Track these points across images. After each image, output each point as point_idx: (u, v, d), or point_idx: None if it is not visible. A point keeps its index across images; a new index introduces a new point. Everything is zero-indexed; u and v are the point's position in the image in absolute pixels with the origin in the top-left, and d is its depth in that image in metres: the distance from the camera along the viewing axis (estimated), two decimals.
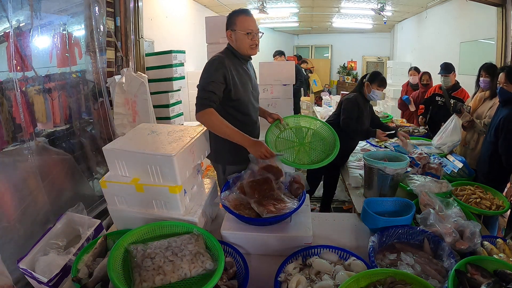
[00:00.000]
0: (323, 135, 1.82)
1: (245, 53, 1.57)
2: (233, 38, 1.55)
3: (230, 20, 1.54)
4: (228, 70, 1.50)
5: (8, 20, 1.71)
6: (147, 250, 1.01)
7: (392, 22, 7.41)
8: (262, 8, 5.51)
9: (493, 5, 3.23)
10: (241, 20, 1.51)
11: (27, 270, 1.12)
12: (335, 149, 1.67)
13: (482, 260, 1.07)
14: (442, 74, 2.98)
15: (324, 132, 1.82)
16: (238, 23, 1.51)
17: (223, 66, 1.49)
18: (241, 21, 1.51)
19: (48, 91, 2.04)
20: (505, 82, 1.83)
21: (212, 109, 1.42)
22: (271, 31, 8.74)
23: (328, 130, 1.81)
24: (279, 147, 1.72)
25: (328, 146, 1.76)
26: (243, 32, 1.51)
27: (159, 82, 3.05)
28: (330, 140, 1.77)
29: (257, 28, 1.55)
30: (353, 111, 2.16)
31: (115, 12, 2.71)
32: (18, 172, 1.74)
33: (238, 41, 1.54)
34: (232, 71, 1.53)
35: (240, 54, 1.58)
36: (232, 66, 1.54)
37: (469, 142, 2.34)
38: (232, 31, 1.54)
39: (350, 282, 0.93)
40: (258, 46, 1.59)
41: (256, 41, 1.55)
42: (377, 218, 1.30)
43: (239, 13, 1.53)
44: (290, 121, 1.83)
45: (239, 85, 1.55)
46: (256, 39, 1.55)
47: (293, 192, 1.40)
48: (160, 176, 1.20)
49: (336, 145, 1.70)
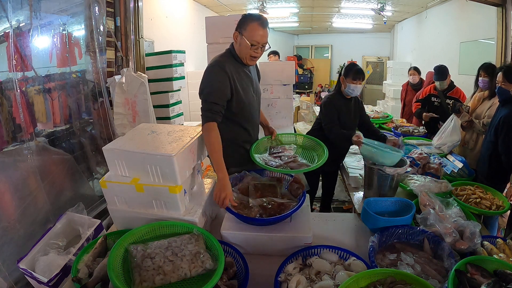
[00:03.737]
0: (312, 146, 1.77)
1: (244, 61, 1.52)
2: (237, 41, 1.49)
3: (242, 22, 1.45)
4: (230, 75, 1.47)
5: (8, 20, 1.71)
6: (147, 250, 1.01)
7: (392, 22, 7.41)
8: (262, 8, 5.51)
9: (493, 5, 3.23)
10: (252, 28, 1.42)
11: (27, 270, 1.12)
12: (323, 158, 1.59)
13: (482, 260, 1.07)
14: (437, 79, 2.97)
15: (311, 144, 1.77)
16: (248, 30, 1.42)
17: (224, 72, 1.45)
18: (251, 29, 1.42)
19: (48, 91, 2.04)
20: (503, 81, 1.84)
21: (213, 124, 1.40)
22: (271, 31, 8.73)
23: (314, 141, 1.76)
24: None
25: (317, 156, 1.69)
26: (247, 41, 1.43)
27: (159, 82, 3.04)
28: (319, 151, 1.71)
29: (265, 41, 1.46)
30: (332, 115, 2.02)
31: (115, 12, 2.71)
32: (18, 172, 1.74)
33: (241, 47, 1.47)
34: (234, 75, 1.49)
35: (240, 58, 1.55)
36: (234, 70, 1.50)
37: (468, 142, 2.34)
38: (239, 34, 1.46)
39: (350, 282, 0.93)
40: (258, 59, 1.54)
41: (259, 54, 1.49)
42: (377, 218, 1.30)
43: (253, 19, 1.43)
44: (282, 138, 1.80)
45: (240, 89, 1.53)
46: (259, 52, 1.48)
47: (293, 192, 1.40)
48: (160, 176, 1.20)
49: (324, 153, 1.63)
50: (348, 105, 2.09)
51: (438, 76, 2.96)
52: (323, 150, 1.65)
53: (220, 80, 1.44)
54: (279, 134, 1.80)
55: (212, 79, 1.45)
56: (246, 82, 1.57)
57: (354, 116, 2.13)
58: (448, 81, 2.98)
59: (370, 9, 5.61)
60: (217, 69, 1.46)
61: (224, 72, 1.45)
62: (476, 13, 3.93)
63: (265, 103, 2.76)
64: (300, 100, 6.26)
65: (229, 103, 1.51)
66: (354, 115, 2.13)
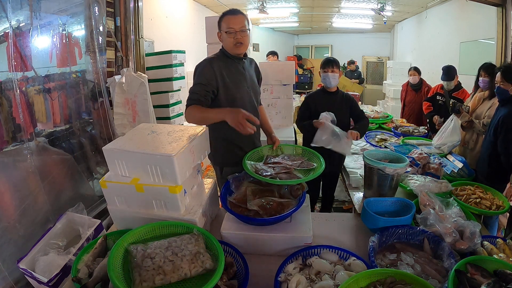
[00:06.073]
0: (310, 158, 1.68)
1: (232, 52, 1.58)
2: (222, 39, 1.59)
3: (219, 22, 1.58)
4: (216, 69, 1.53)
5: (8, 20, 1.71)
6: (147, 250, 1.01)
7: (392, 22, 7.41)
8: (262, 8, 5.50)
9: (493, 5, 3.23)
10: (224, 20, 1.54)
11: (27, 270, 1.12)
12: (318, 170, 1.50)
13: (482, 260, 1.07)
14: (445, 79, 3.00)
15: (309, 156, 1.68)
16: (222, 23, 1.54)
17: (209, 67, 1.52)
18: (225, 21, 1.53)
19: (48, 91, 2.03)
20: (501, 81, 1.84)
21: (192, 105, 1.44)
22: (271, 31, 8.75)
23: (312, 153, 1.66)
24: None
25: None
26: (225, 31, 1.53)
27: (159, 82, 3.04)
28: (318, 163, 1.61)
29: (241, 26, 1.51)
30: (302, 111, 2.15)
31: (115, 12, 2.71)
32: (18, 172, 1.74)
33: (224, 41, 1.57)
34: (222, 71, 1.55)
35: (231, 54, 1.59)
36: (223, 66, 1.56)
37: (468, 142, 2.34)
38: (220, 32, 1.58)
39: (350, 282, 0.93)
40: (244, 45, 1.56)
41: (240, 39, 1.52)
42: (377, 218, 1.30)
43: (224, 14, 1.56)
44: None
45: (230, 83, 1.56)
46: (238, 37, 1.52)
47: (293, 193, 1.40)
48: (160, 176, 1.20)
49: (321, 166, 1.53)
50: (330, 100, 2.12)
51: (445, 76, 3.00)
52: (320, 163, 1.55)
53: (203, 74, 1.52)
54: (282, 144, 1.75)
55: (197, 74, 1.54)
56: (237, 76, 1.61)
57: (339, 112, 2.05)
58: (456, 81, 3.03)
59: (370, 9, 5.62)
60: (202, 65, 1.55)
61: (210, 66, 1.53)
62: (476, 13, 3.93)
63: (265, 103, 2.75)
64: (300, 100, 6.25)
65: (217, 97, 1.55)
66: (338, 111, 2.04)
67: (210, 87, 1.50)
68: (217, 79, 1.52)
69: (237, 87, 1.59)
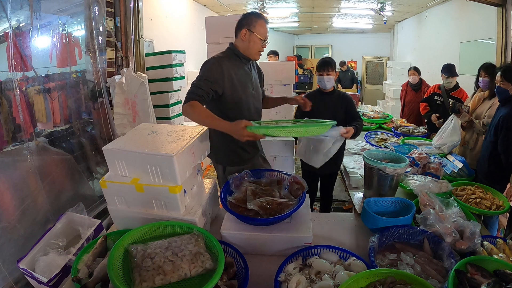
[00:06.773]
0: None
1: (251, 56, 1.59)
2: (246, 38, 1.54)
3: (249, 20, 1.53)
4: (225, 70, 1.51)
5: (8, 20, 1.71)
6: (147, 250, 1.01)
7: (392, 22, 7.42)
8: (262, 8, 5.51)
9: (493, 5, 3.23)
10: (261, 24, 1.52)
11: (27, 270, 1.12)
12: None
13: (482, 260, 1.07)
14: (446, 75, 3.00)
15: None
16: (258, 27, 1.52)
17: (219, 66, 1.50)
18: (261, 26, 1.52)
19: (48, 91, 2.03)
20: (501, 81, 1.85)
21: (195, 101, 1.41)
22: (271, 31, 8.74)
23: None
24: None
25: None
26: (259, 37, 1.52)
27: (159, 82, 3.05)
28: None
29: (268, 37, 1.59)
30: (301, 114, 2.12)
31: (115, 12, 2.71)
32: (18, 172, 1.74)
33: (251, 43, 1.54)
34: (231, 71, 1.53)
35: (244, 55, 1.58)
36: (232, 67, 1.54)
37: (468, 142, 2.34)
38: (249, 32, 1.53)
39: (350, 282, 0.93)
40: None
41: (263, 49, 1.59)
42: (377, 218, 1.30)
43: (260, 17, 1.54)
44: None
45: (238, 86, 1.55)
46: (264, 46, 1.58)
47: (293, 193, 1.40)
48: (160, 176, 1.20)
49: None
50: (325, 100, 2.13)
51: (448, 72, 3.01)
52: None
53: (212, 71, 1.49)
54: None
55: (204, 70, 1.51)
56: (244, 78, 1.60)
57: (333, 111, 2.09)
58: (455, 80, 3.03)
59: (370, 9, 5.62)
60: (211, 62, 1.53)
61: (219, 65, 1.50)
62: (476, 13, 3.93)
63: None
64: None
65: (223, 97, 1.53)
66: (333, 110, 2.10)
67: (216, 86, 1.49)
68: (225, 79, 1.51)
69: (243, 88, 1.59)
